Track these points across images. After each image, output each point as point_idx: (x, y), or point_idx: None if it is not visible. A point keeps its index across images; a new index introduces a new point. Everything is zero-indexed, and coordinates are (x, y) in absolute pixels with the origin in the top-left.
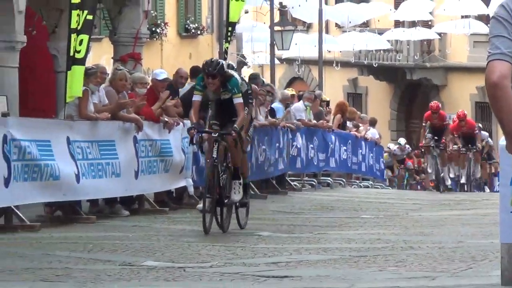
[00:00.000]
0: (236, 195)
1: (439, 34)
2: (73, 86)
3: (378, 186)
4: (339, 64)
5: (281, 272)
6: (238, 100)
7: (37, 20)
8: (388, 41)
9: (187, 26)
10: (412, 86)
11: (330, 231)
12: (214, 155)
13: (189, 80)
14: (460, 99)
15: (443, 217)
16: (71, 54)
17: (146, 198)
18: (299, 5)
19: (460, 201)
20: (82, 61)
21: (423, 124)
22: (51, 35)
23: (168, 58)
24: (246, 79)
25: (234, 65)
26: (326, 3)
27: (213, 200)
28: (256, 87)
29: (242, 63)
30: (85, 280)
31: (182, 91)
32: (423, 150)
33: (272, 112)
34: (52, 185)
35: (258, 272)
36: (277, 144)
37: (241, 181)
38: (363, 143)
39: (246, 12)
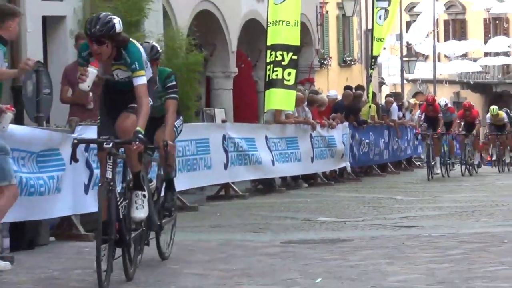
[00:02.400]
0: (139, 212)
1: None
2: (272, 102)
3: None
4: (447, 82)
5: (410, 223)
6: (140, 80)
7: (244, 57)
8: (480, 66)
9: (344, 58)
10: (497, 96)
11: (443, 195)
12: (109, 176)
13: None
14: None
15: None
16: (267, 80)
17: (318, 175)
18: (420, 43)
19: None
20: (293, 87)
21: (419, 115)
22: (254, 67)
23: (332, 81)
24: (383, 97)
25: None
26: (438, 41)
27: (111, 248)
28: (392, 99)
29: (381, 83)
30: (279, 230)
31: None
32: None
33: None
34: (257, 167)
35: (394, 223)
36: (406, 137)
37: (145, 192)
38: None
39: (384, 48)
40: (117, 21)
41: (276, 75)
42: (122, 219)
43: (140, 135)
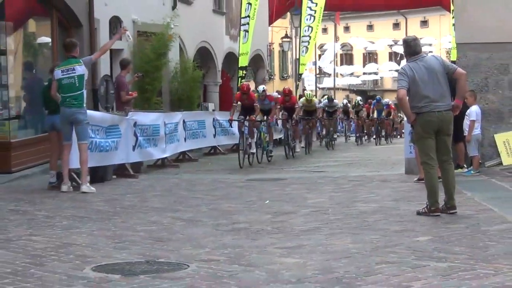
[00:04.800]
0: None
1: (381, 77)
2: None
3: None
4: (342, 89)
5: (320, 170)
6: None
7: (226, 73)
8: (361, 80)
9: (283, 75)
10: (370, 98)
11: (337, 154)
12: None
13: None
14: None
15: (382, 148)
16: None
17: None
18: (326, 67)
19: (384, 144)
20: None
21: (234, 104)
22: (231, 79)
23: (275, 88)
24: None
25: None
26: (336, 65)
27: None
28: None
29: (304, 90)
30: (245, 172)
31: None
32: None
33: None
34: (232, 137)
35: (310, 170)
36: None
37: None
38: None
39: (306, 69)
40: None
41: None
42: None
43: None
